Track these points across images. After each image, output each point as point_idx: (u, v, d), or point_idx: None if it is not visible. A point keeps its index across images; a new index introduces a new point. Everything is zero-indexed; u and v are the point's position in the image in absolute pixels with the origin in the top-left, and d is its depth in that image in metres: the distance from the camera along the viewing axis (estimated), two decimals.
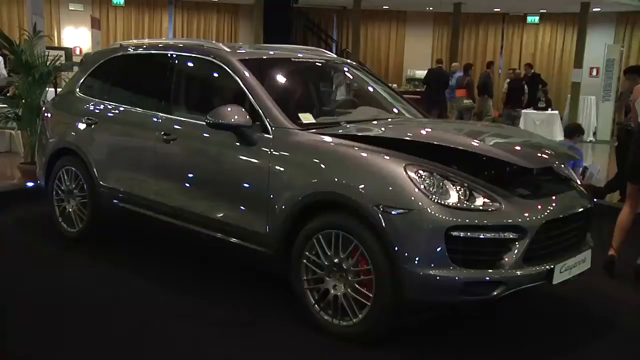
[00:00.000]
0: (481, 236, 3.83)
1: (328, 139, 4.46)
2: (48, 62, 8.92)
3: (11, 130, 11.10)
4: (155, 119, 5.42)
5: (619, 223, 5.88)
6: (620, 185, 8.46)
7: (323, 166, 4.29)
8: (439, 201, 3.83)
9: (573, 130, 9.04)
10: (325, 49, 7.07)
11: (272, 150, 4.51)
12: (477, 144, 4.41)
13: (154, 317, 4.57)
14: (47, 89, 9.06)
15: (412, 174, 3.92)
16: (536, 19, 23.35)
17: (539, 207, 4.08)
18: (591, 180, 8.92)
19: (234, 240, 4.76)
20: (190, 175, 5.12)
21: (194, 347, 4.11)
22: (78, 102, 6.29)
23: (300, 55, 5.82)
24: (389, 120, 5.41)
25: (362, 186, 4.01)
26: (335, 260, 4.14)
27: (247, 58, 5.18)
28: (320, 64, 5.98)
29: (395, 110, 5.76)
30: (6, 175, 10.15)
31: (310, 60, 5.86)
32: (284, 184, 4.43)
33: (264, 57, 5.54)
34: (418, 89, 20.25)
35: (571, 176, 4.85)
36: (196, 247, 5.70)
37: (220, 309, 4.71)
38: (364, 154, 4.18)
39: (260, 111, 4.67)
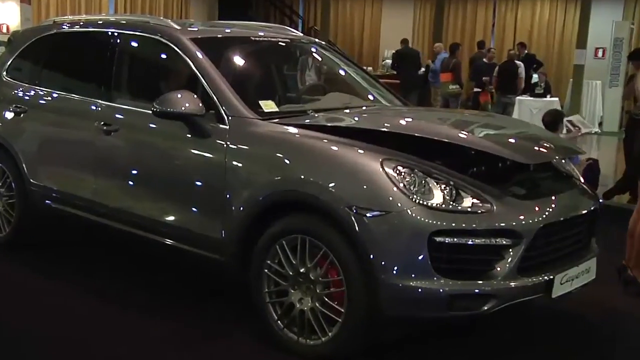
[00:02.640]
0: (469, 242, 3.82)
1: (293, 130, 4.45)
2: None
3: None
4: (93, 107, 5.40)
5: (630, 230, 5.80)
6: (631, 184, 8.33)
7: (287, 161, 4.28)
8: (421, 202, 3.82)
9: (555, 122, 8.50)
10: (290, 27, 7.08)
11: (228, 142, 4.49)
12: (465, 136, 4.42)
13: (94, 335, 4.52)
14: None
15: (390, 171, 3.90)
16: None
17: (536, 208, 4.08)
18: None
19: (184, 246, 4.73)
20: (134, 171, 5.11)
21: None
22: (5, 87, 6.26)
23: (261, 33, 5.83)
24: (364, 108, 5.44)
25: (332, 184, 3.99)
26: (301, 270, 4.13)
27: (199, 37, 5.17)
28: (284, 44, 6.00)
29: (371, 97, 5.79)
30: None
31: (273, 39, 5.86)
32: (243, 181, 4.42)
33: (219, 35, 5.59)
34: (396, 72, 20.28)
35: (573, 173, 4.85)
36: (145, 255, 5.67)
37: (170, 324, 4.68)
38: (334, 148, 4.17)
39: (215, 98, 4.66)
